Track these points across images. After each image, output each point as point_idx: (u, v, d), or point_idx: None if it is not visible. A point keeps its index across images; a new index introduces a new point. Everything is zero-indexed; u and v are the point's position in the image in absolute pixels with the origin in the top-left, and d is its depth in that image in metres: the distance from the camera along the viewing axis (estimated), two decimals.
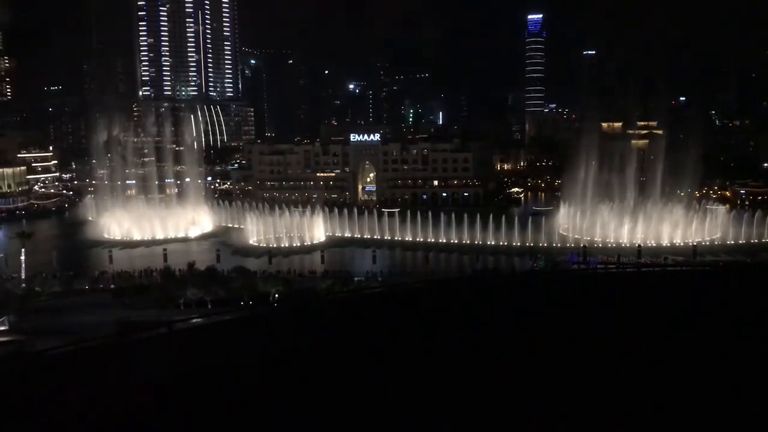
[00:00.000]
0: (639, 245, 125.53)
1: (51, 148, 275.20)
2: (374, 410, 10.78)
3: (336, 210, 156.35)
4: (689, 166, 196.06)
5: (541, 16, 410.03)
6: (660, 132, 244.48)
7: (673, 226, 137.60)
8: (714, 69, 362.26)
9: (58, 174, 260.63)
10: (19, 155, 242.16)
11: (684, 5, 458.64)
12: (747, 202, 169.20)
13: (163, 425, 10.56)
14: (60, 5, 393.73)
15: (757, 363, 11.97)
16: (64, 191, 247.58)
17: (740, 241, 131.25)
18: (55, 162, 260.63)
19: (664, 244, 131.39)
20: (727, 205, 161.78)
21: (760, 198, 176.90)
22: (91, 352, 12.63)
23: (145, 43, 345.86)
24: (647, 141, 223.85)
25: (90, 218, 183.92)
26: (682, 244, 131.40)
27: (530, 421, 10.22)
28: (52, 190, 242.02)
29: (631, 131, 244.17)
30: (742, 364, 11.96)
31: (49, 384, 11.45)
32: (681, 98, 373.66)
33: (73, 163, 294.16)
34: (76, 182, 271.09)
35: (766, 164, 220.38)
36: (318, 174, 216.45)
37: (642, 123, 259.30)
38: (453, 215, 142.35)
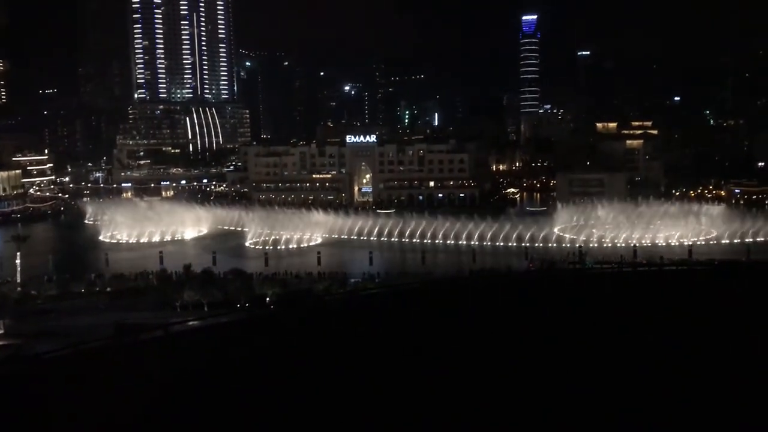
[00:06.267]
0: (635, 245, 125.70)
1: (46, 151, 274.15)
2: (372, 410, 10.83)
3: (332, 211, 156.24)
4: (684, 165, 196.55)
5: (535, 16, 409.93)
6: (654, 132, 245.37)
7: (668, 226, 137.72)
8: (708, 68, 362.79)
9: (53, 177, 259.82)
10: (14, 158, 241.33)
11: (678, 5, 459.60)
12: (742, 201, 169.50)
13: (160, 426, 10.59)
14: (54, 8, 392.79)
15: (753, 360, 12.05)
16: (60, 194, 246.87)
17: (735, 241, 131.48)
18: (51, 165, 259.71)
19: (659, 244, 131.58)
20: (722, 205, 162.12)
21: (754, 197, 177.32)
22: (88, 355, 12.66)
23: (140, 46, 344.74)
24: (642, 141, 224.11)
25: (86, 221, 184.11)
26: (677, 244, 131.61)
27: (529, 420, 10.28)
28: (47, 194, 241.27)
29: (625, 131, 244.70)
30: (739, 361, 12.04)
31: (48, 386, 11.48)
32: (675, 98, 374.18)
33: (68, 166, 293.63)
34: (71, 185, 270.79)
35: (760, 163, 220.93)
36: (314, 176, 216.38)
37: (636, 123, 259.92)
38: (449, 216, 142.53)
